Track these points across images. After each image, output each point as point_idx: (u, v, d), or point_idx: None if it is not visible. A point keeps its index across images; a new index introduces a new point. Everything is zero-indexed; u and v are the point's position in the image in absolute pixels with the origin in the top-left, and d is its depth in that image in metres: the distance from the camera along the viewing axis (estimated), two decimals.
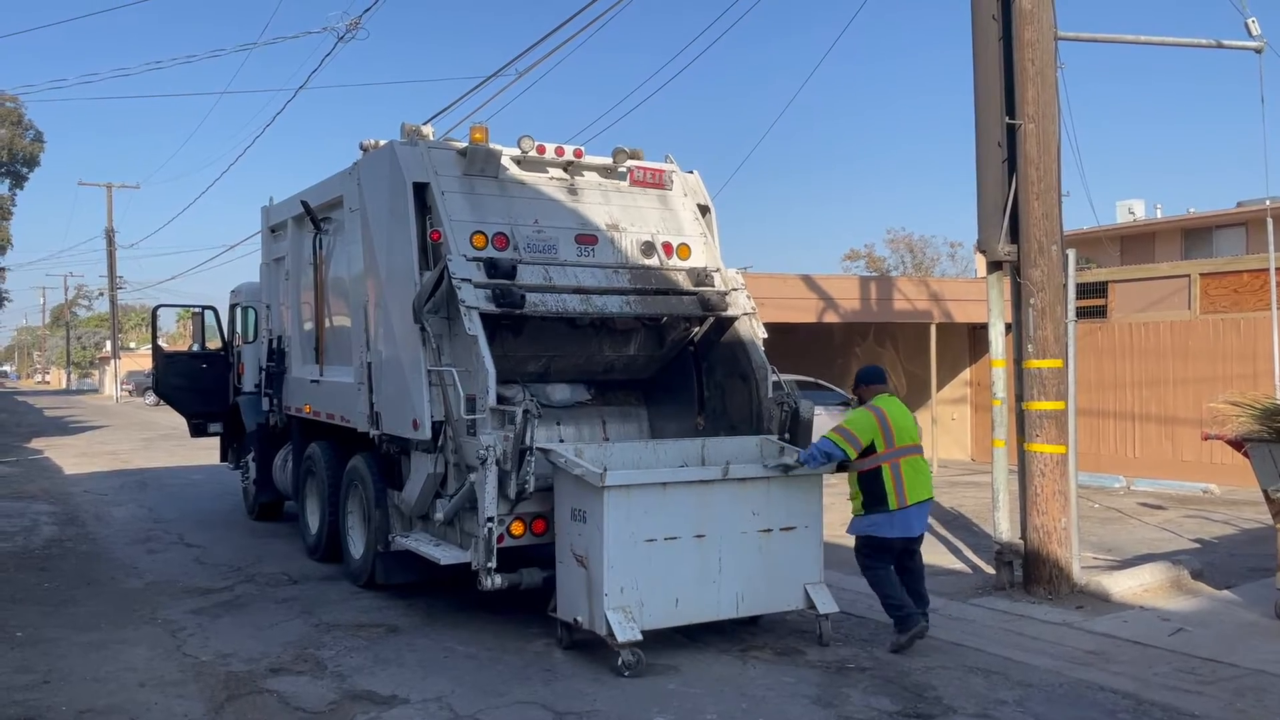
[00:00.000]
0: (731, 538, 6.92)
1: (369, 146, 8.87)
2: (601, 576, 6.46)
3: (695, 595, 6.79)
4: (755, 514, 7.03)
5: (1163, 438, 15.43)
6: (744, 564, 6.97)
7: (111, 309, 59.21)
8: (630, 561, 6.52)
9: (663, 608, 6.65)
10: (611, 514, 6.48)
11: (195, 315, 14.83)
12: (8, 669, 6.66)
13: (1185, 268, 16.59)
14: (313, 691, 6.21)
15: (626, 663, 6.39)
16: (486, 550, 6.84)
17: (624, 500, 6.54)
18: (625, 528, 6.52)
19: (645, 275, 8.46)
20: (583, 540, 6.67)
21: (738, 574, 6.94)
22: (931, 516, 12.66)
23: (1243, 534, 11.16)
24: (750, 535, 7.01)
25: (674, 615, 6.73)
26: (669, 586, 6.66)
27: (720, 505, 6.91)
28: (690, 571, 6.77)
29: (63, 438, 28.06)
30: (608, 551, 6.47)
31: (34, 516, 13.33)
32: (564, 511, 6.91)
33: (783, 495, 7.17)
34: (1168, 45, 10.47)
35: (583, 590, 6.67)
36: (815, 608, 7.11)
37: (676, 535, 6.71)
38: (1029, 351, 8.45)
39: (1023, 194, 8.44)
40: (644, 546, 6.59)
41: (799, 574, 7.18)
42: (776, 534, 7.11)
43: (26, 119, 39.43)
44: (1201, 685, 6.23)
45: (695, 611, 6.83)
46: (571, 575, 6.80)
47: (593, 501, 6.56)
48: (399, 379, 8.00)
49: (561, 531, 6.95)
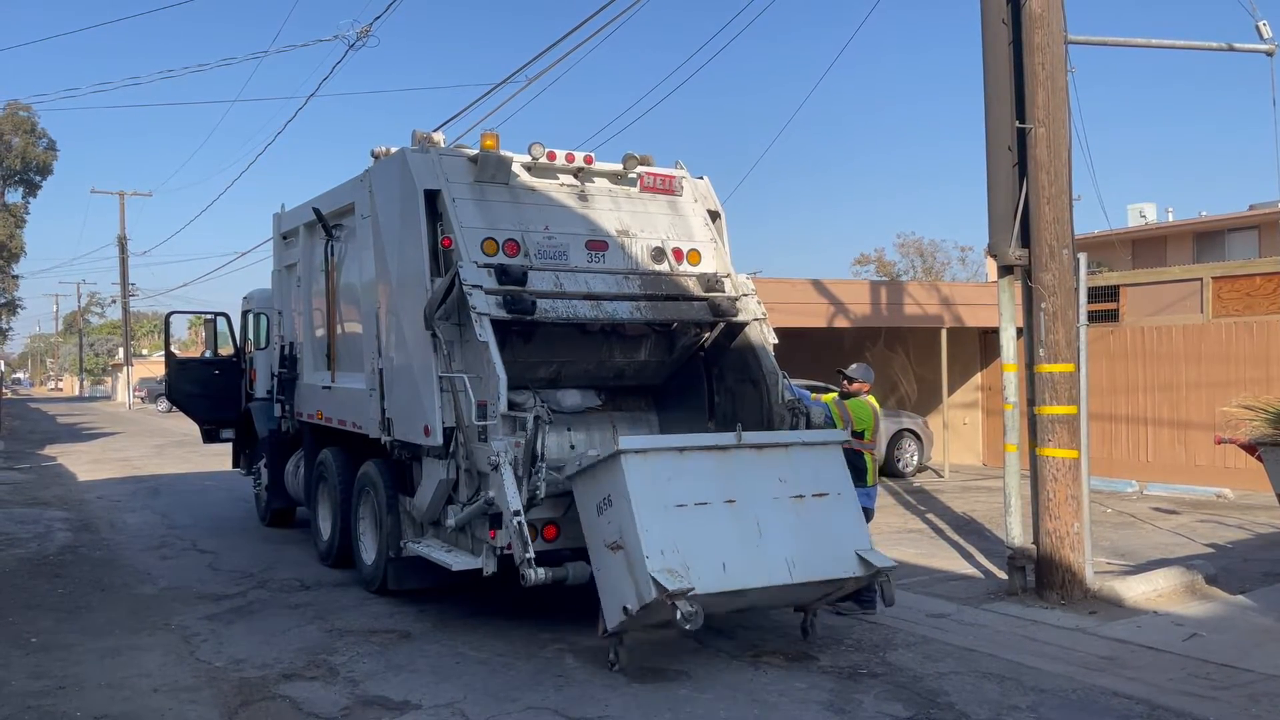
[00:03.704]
0: (764, 503, 6.71)
1: (380, 154, 8.90)
2: (640, 545, 6.15)
3: (742, 559, 6.43)
4: (782, 480, 6.88)
5: (1175, 442, 15.36)
6: (784, 530, 6.70)
7: (124, 316, 59.54)
8: (665, 526, 6.26)
9: (710, 571, 6.24)
10: (634, 478, 6.32)
11: (207, 322, 14.89)
12: (23, 675, 6.69)
13: (1197, 271, 16.54)
14: (325, 697, 6.23)
15: (686, 615, 5.98)
16: (522, 543, 6.66)
17: (643, 464, 6.41)
18: (651, 491, 6.34)
19: (656, 281, 8.47)
20: (613, 525, 6.40)
21: (781, 539, 6.63)
22: (943, 521, 12.73)
23: (1257, 538, 11.10)
24: (783, 501, 6.81)
25: (724, 579, 6.31)
26: (712, 550, 6.31)
27: (743, 472, 6.78)
28: (730, 536, 6.48)
29: (76, 444, 28.19)
30: (639, 518, 6.22)
31: (48, 523, 13.39)
32: (590, 513, 6.69)
33: (806, 461, 7.08)
34: (1178, 49, 10.45)
35: (625, 573, 6.28)
36: (874, 566, 6.74)
37: (706, 501, 6.52)
38: (1040, 356, 8.44)
39: (1033, 198, 8.43)
40: (675, 511, 6.39)
41: (846, 540, 6.88)
42: (810, 500, 6.91)
43: (40, 127, 39.72)
44: (1216, 691, 6.20)
45: (746, 575, 6.42)
46: (611, 567, 6.45)
47: (613, 479, 6.42)
48: (410, 385, 8.03)
49: (592, 535, 6.67)
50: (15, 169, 39.07)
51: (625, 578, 6.31)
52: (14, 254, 41.23)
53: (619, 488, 6.40)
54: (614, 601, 6.43)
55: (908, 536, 11.64)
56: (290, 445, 11.91)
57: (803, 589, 6.78)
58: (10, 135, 38.71)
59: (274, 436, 12.17)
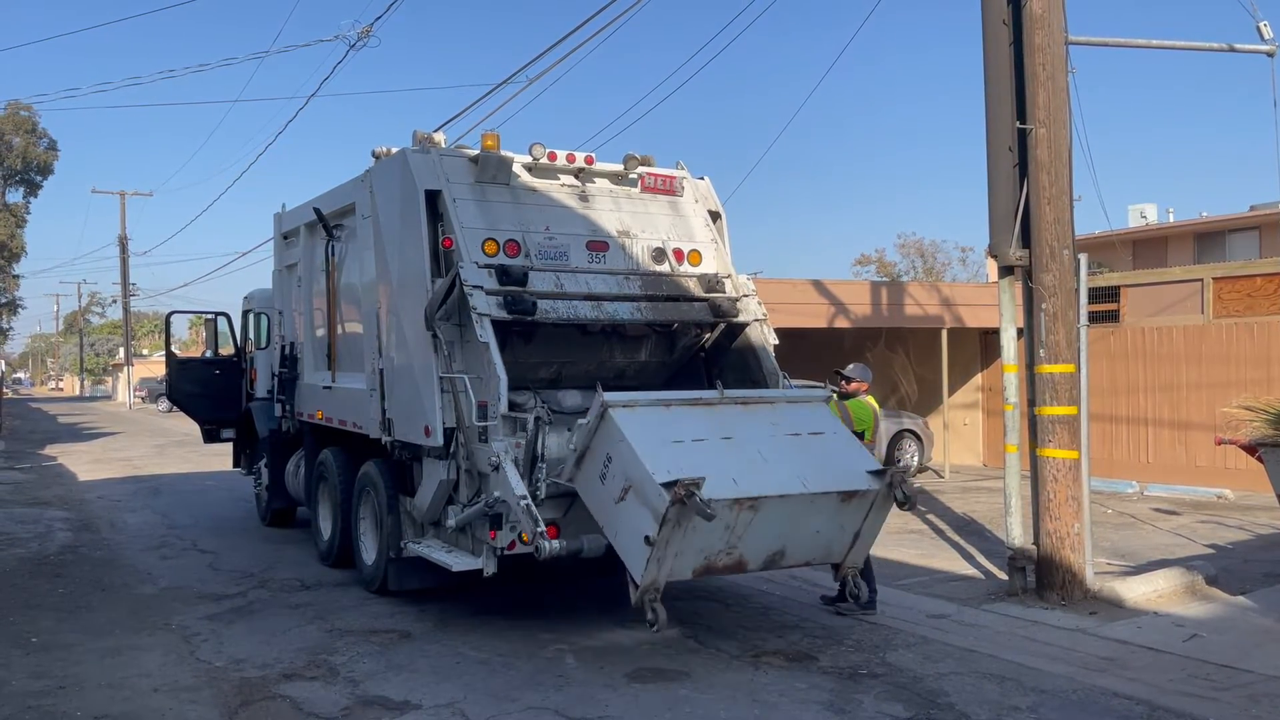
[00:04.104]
0: (762, 440, 6.70)
1: (381, 154, 8.90)
2: (645, 469, 6.08)
3: (750, 475, 6.37)
4: (774, 424, 6.93)
5: (1176, 443, 15.36)
6: (788, 455, 6.66)
7: (124, 316, 59.57)
8: (668, 455, 6.19)
9: (721, 484, 6.10)
10: (628, 425, 6.34)
11: (208, 322, 14.90)
12: (23, 675, 6.70)
13: (1198, 272, 16.54)
14: (325, 697, 6.23)
15: (703, 506, 5.81)
16: (531, 520, 6.60)
17: (632, 415, 6.46)
18: (646, 433, 6.32)
19: (656, 282, 8.48)
20: (617, 476, 6.32)
21: (787, 461, 6.59)
22: (944, 522, 12.73)
23: (1257, 539, 11.10)
24: (780, 437, 6.81)
25: (736, 490, 6.20)
26: (718, 471, 6.15)
27: (733, 420, 6.82)
28: (734, 461, 6.42)
29: (76, 444, 28.20)
30: (640, 451, 6.17)
31: (48, 523, 13.40)
32: (595, 488, 6.58)
33: (793, 412, 7.16)
34: (1179, 49, 10.45)
35: (638, 507, 6.15)
36: (885, 472, 6.71)
37: (703, 437, 6.53)
38: (1041, 356, 8.44)
39: (1034, 199, 8.43)
40: (674, 445, 6.38)
41: (852, 461, 6.86)
42: (807, 437, 6.93)
43: (40, 127, 39.80)
44: (1216, 692, 6.20)
45: (759, 486, 6.31)
46: (625, 518, 6.29)
47: (608, 434, 6.42)
48: (411, 385, 8.03)
49: (601, 504, 6.53)
50: (16, 169, 39.12)
51: (639, 511, 6.17)
52: (15, 254, 41.28)
53: (614, 437, 6.38)
54: (635, 546, 6.22)
55: (908, 537, 11.63)
56: (291, 445, 11.92)
57: (821, 502, 6.57)
58: (11, 135, 38.76)
59: (274, 436, 12.18)
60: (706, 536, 6.22)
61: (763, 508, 6.33)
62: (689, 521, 6.01)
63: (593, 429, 6.56)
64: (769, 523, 6.43)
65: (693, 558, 6.29)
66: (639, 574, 6.21)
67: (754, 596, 8.82)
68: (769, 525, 6.44)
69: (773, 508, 6.39)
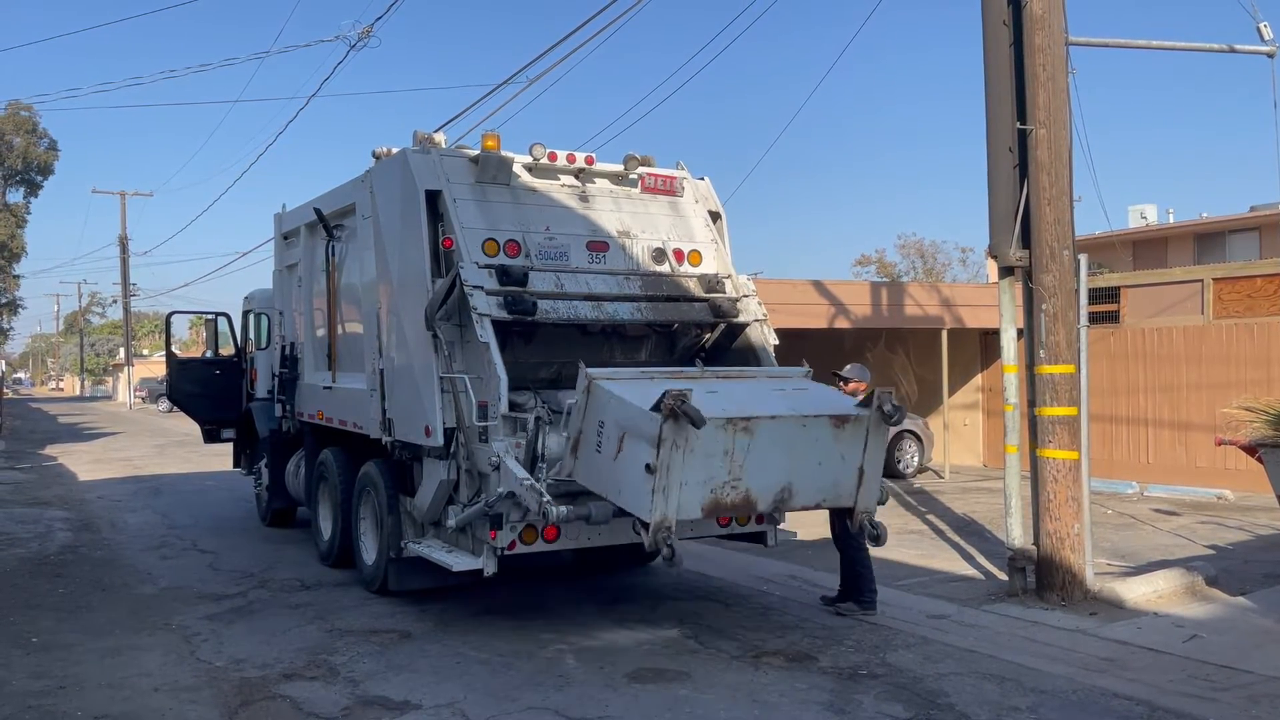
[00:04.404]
0: (747, 391, 6.90)
1: (381, 154, 8.91)
2: (636, 409, 6.17)
3: (739, 406, 6.50)
4: (758, 384, 7.16)
5: (1176, 443, 15.36)
6: (776, 397, 6.85)
7: (125, 316, 59.58)
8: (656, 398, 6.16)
9: (718, 410, 6.27)
10: (615, 389, 6.45)
11: (208, 322, 14.91)
12: (24, 675, 6.70)
13: (1198, 273, 16.53)
14: (325, 697, 6.23)
15: (694, 412, 5.90)
16: (537, 494, 6.56)
17: (617, 384, 6.56)
18: (633, 390, 6.41)
19: (656, 282, 8.48)
20: (612, 436, 6.38)
21: (775, 400, 6.77)
22: (944, 522, 12.72)
23: (1258, 540, 11.10)
24: (766, 392, 7.00)
25: (733, 411, 6.38)
26: (710, 407, 6.19)
27: (717, 384, 7.02)
28: (724, 401, 6.53)
29: (76, 444, 28.20)
30: (629, 399, 6.27)
31: (48, 523, 13.40)
32: (591, 461, 6.57)
33: (775, 379, 7.41)
34: (1179, 50, 10.45)
35: (636, 448, 6.20)
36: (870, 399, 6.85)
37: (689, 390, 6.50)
38: (1041, 357, 8.44)
39: (1034, 199, 8.43)
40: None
41: (840, 400, 7.19)
42: (792, 390, 7.15)
43: (41, 127, 39.83)
44: (1216, 692, 6.20)
45: (748, 409, 6.48)
46: (626, 467, 6.31)
47: (598, 404, 6.51)
48: (411, 386, 8.03)
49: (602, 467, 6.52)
50: (16, 169, 39.14)
51: (637, 448, 6.21)
52: (15, 254, 41.30)
53: (603, 402, 6.46)
54: (638, 485, 6.21)
55: (908, 537, 11.64)
56: (291, 445, 11.92)
57: (814, 428, 6.67)
58: (12, 135, 38.78)
59: (275, 436, 12.18)
60: (707, 463, 6.25)
61: (757, 431, 6.40)
62: (685, 443, 6.06)
63: (582, 406, 6.62)
64: (767, 450, 6.47)
65: (698, 491, 6.28)
66: (646, 511, 6.15)
67: (754, 597, 8.82)
68: (768, 453, 6.48)
69: (767, 431, 6.46)
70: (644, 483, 6.14)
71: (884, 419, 6.82)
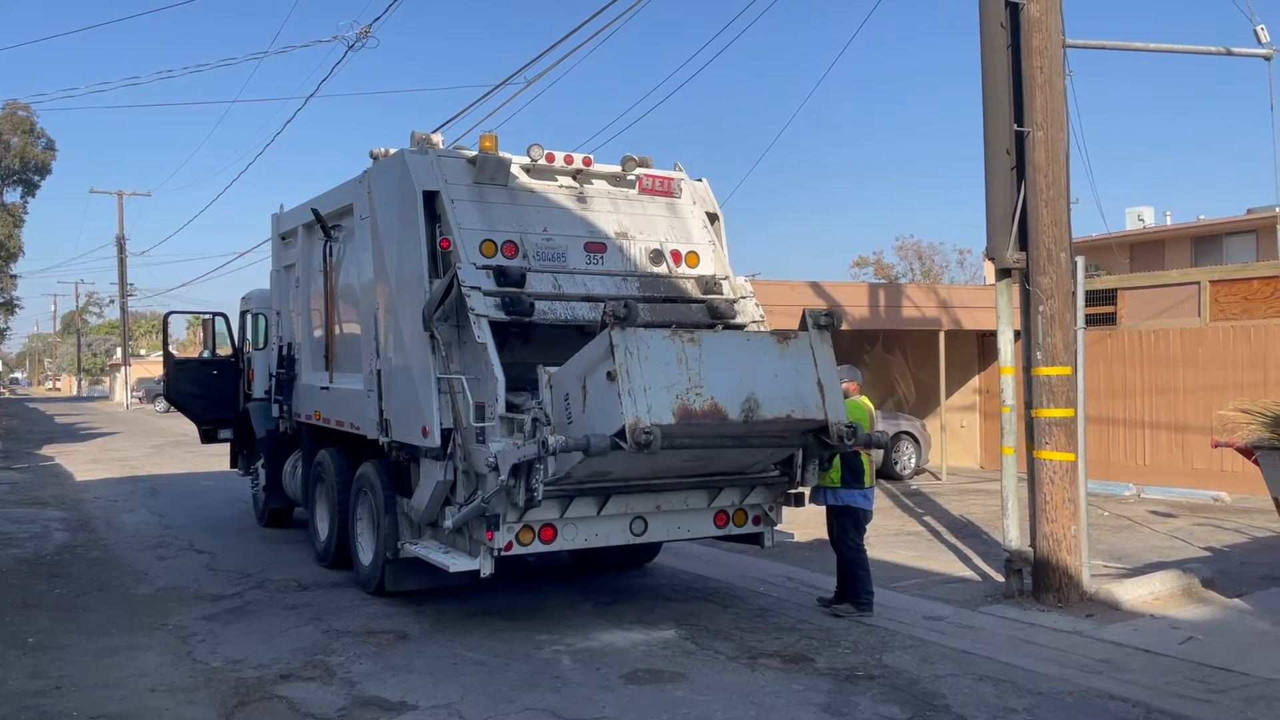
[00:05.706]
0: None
1: (379, 155, 8.91)
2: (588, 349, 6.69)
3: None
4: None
5: (1173, 445, 15.38)
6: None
7: (122, 316, 59.54)
8: None
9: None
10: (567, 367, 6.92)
11: (206, 322, 14.91)
12: (20, 675, 6.70)
13: (1195, 275, 16.54)
14: (322, 698, 6.23)
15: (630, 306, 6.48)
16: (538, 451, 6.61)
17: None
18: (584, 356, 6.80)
19: (654, 283, 8.49)
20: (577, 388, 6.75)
21: None
22: (941, 524, 12.74)
23: (1254, 542, 11.12)
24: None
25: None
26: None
27: None
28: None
29: (74, 444, 28.18)
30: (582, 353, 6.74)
31: (45, 523, 13.39)
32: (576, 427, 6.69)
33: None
34: (1176, 52, 10.46)
35: (596, 371, 6.58)
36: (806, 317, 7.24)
37: None
38: (1038, 359, 8.45)
39: (1031, 201, 8.44)
40: None
41: None
42: None
43: (39, 127, 39.65)
44: (1212, 694, 6.21)
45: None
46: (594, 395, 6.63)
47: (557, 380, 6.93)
48: (409, 386, 8.03)
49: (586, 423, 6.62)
50: (14, 168, 39.03)
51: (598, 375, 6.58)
52: (12, 253, 41.19)
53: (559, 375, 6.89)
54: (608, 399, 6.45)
55: (905, 539, 11.65)
56: (288, 446, 11.91)
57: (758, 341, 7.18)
58: (9, 135, 38.68)
59: (272, 437, 12.17)
60: (665, 369, 6.53)
61: (703, 340, 6.82)
62: (638, 349, 6.44)
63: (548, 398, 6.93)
64: (720, 360, 6.79)
65: (664, 395, 6.49)
66: (620, 418, 6.33)
67: (751, 598, 8.83)
68: (722, 364, 6.79)
69: (713, 341, 6.92)
70: (611, 393, 6.39)
71: (820, 329, 7.17)
